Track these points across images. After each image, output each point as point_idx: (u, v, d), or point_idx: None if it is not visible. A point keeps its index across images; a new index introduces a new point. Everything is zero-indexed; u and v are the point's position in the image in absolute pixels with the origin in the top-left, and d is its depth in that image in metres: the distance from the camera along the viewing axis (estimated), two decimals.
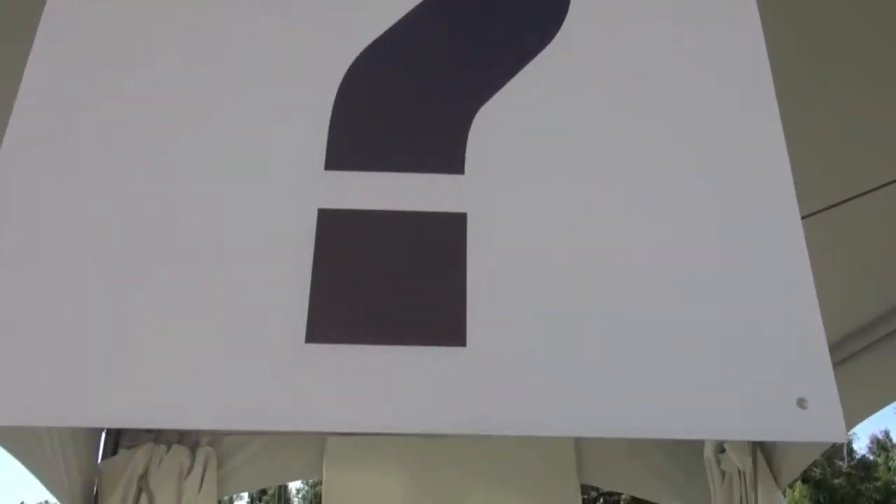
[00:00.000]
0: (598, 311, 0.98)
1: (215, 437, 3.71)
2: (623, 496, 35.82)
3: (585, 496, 3.44)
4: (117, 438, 3.65)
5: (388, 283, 0.96)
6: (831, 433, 0.90)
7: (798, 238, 1.02)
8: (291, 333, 0.97)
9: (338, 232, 0.98)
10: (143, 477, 3.50)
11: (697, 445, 3.58)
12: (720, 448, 3.40)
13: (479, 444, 3.68)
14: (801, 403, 0.92)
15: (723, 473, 3.39)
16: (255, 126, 1.10)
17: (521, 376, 0.92)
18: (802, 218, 1.04)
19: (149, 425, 1.00)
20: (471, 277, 0.95)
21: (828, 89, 2.21)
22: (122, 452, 3.57)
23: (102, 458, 3.57)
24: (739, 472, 3.30)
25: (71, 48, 1.15)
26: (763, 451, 3.28)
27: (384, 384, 0.94)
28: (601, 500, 33.80)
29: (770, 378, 0.93)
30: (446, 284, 0.95)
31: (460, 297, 0.95)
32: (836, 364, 2.52)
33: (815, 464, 29.03)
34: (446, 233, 0.97)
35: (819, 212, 2.47)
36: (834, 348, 2.42)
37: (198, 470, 3.55)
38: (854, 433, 35.61)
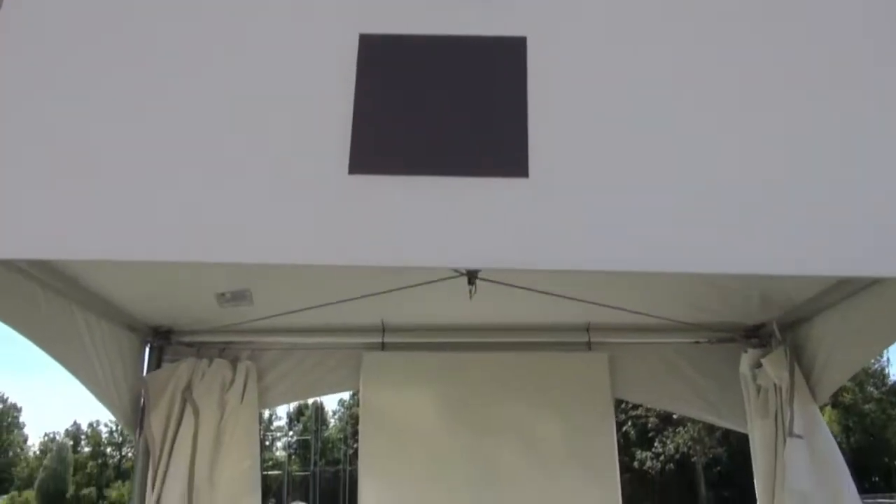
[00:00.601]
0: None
1: (255, 351, 3.79)
2: (650, 419, 36.32)
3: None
4: (160, 353, 3.75)
5: (438, 113, 0.93)
6: None
7: None
8: (333, 166, 0.95)
9: (381, 58, 0.94)
10: (187, 389, 3.60)
11: (733, 361, 3.56)
12: (756, 363, 3.37)
13: (513, 358, 3.71)
14: None
15: (758, 388, 3.37)
16: None
17: (588, 209, 0.89)
18: None
19: (205, 259, 1.00)
20: (532, 106, 0.91)
21: None
22: (165, 366, 3.67)
23: (147, 372, 3.67)
24: (776, 386, 3.28)
25: None
26: (800, 366, 3.25)
27: (436, 216, 0.92)
28: (629, 423, 34.38)
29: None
30: (505, 113, 0.91)
31: (521, 127, 0.91)
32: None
33: (845, 389, 28.82)
34: (504, 59, 0.93)
35: None
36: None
37: (239, 383, 3.64)
38: (887, 358, 35.28)
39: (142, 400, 3.61)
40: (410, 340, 3.76)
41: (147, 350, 3.73)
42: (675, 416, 36.44)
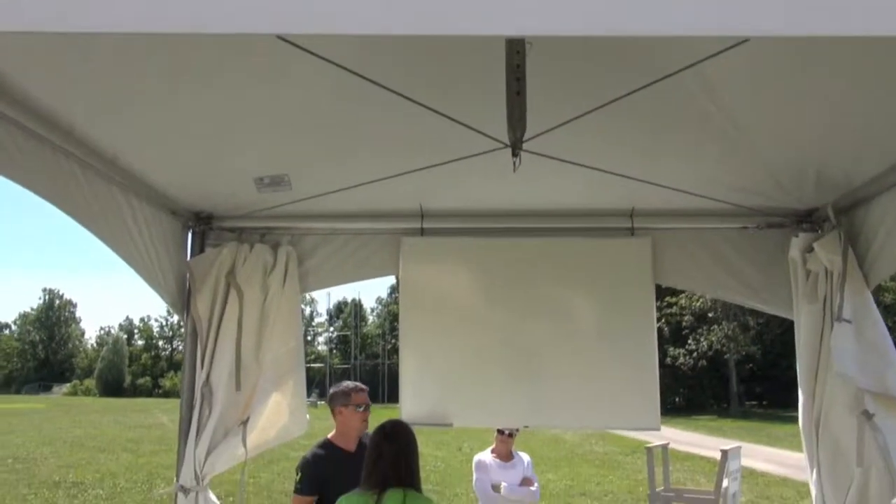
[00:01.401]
0: None
1: (295, 237, 3.80)
2: (685, 317, 36.61)
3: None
4: (203, 239, 3.78)
5: None
6: None
7: None
8: None
9: None
10: (231, 273, 3.65)
11: (780, 247, 3.45)
12: (808, 247, 3.26)
13: (554, 244, 3.66)
14: None
15: (808, 273, 3.28)
16: None
17: None
18: None
19: (233, 29, 0.94)
20: None
21: None
22: (208, 251, 3.71)
23: (191, 257, 3.73)
24: (826, 271, 3.18)
25: None
26: (854, 250, 3.13)
27: None
28: (663, 321, 34.88)
29: None
30: None
31: None
32: None
33: (884, 288, 28.36)
34: None
35: None
36: None
37: (280, 267, 3.67)
38: None
39: (187, 283, 3.69)
40: (449, 226, 3.72)
41: (190, 235, 3.78)
42: (709, 315, 36.62)
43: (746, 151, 2.90)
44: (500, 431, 4.88)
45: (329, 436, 3.73)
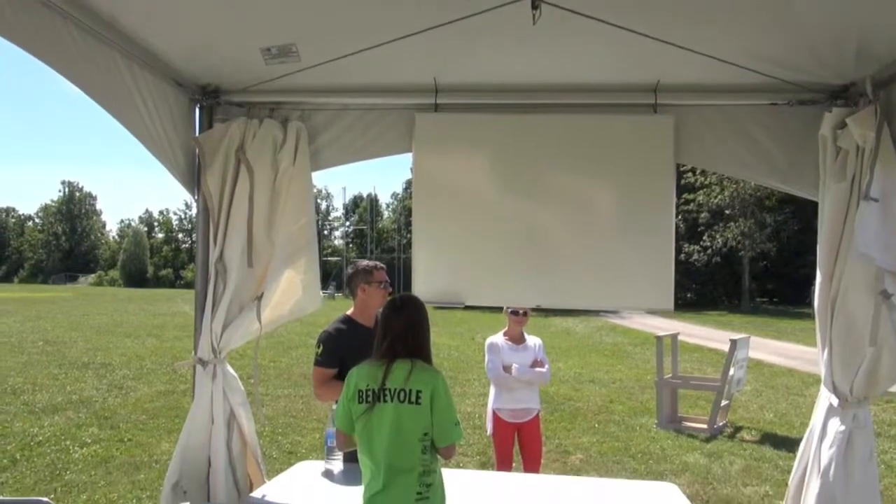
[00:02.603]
0: None
1: (305, 112, 3.68)
2: (702, 214, 36.50)
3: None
4: (211, 114, 3.68)
5: None
6: None
7: None
8: None
9: None
10: (240, 149, 3.57)
11: (809, 125, 3.29)
12: (840, 123, 3.11)
13: (573, 121, 3.52)
14: None
15: (838, 150, 3.14)
16: None
17: None
18: None
19: None
20: None
21: None
22: (217, 126, 3.62)
23: (200, 133, 3.64)
24: (858, 148, 3.04)
25: None
26: (890, 127, 2.98)
27: None
28: (679, 217, 34.91)
29: None
30: None
31: None
32: None
33: None
34: None
35: None
36: None
37: (290, 143, 3.58)
38: None
39: (196, 160, 3.62)
40: (464, 101, 3.58)
41: (197, 111, 3.68)
42: (726, 212, 36.34)
43: (786, 19, 2.71)
44: (514, 312, 4.91)
45: (349, 312, 3.77)
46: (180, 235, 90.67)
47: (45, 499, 2.71)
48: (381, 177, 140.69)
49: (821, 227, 3.20)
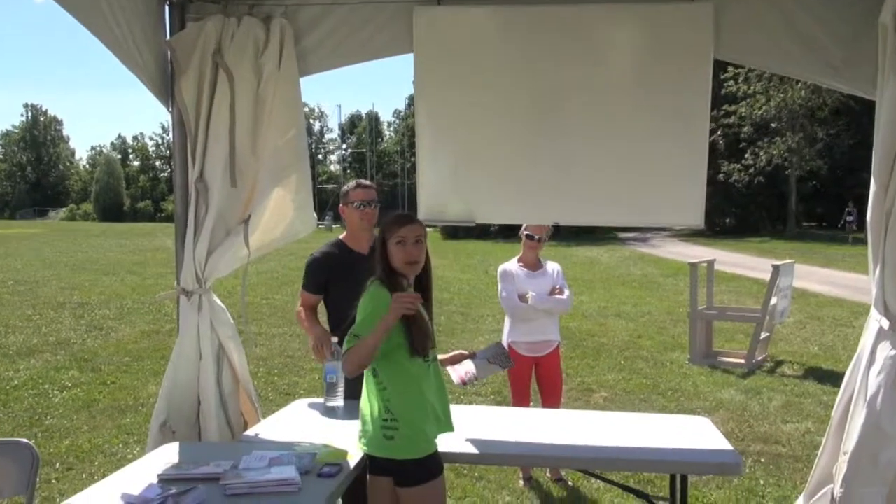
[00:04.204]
0: None
1: (289, 8, 3.59)
2: (744, 128, 35.98)
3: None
4: (182, 12, 3.61)
5: None
6: None
7: None
8: None
9: None
10: (217, 52, 3.51)
11: (867, 13, 3.19)
12: None
13: (596, 11, 3.43)
14: None
15: None
16: None
17: None
18: None
19: None
20: None
21: None
22: (190, 26, 3.55)
23: (171, 35, 3.58)
24: None
25: None
26: None
27: None
28: (719, 132, 34.62)
29: None
30: None
31: None
32: None
33: None
34: None
35: None
36: None
37: (274, 45, 3.52)
38: None
39: (170, 66, 3.57)
40: None
41: (167, 9, 3.60)
42: (772, 125, 35.75)
43: None
44: (529, 237, 4.92)
45: (341, 236, 3.81)
46: (158, 163, 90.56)
47: (25, 440, 2.80)
48: (381, 93, 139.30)
49: (877, 130, 3.14)
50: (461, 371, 3.19)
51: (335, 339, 3.46)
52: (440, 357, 3.05)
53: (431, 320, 2.84)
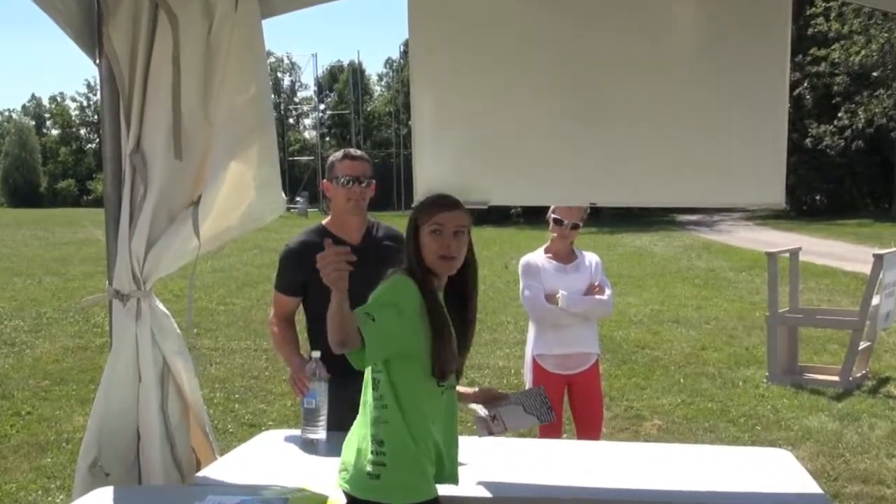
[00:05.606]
0: None
1: None
2: (838, 78, 35.91)
3: None
4: None
5: None
6: None
7: None
8: None
9: None
10: None
11: None
12: None
13: None
14: None
15: None
16: None
17: None
18: None
19: None
20: None
21: None
22: None
23: None
24: None
25: None
26: None
27: None
28: (805, 83, 34.72)
29: None
30: None
31: None
32: None
33: None
34: None
35: None
36: None
37: None
38: None
39: (97, 6, 3.59)
40: None
41: None
42: (873, 75, 35.64)
43: None
44: (558, 221, 4.91)
45: (324, 221, 3.83)
46: (83, 132, 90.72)
47: None
48: (368, 38, 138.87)
49: None
50: (487, 413, 3.13)
51: (317, 354, 3.43)
52: (461, 389, 3.04)
53: (469, 338, 2.83)
